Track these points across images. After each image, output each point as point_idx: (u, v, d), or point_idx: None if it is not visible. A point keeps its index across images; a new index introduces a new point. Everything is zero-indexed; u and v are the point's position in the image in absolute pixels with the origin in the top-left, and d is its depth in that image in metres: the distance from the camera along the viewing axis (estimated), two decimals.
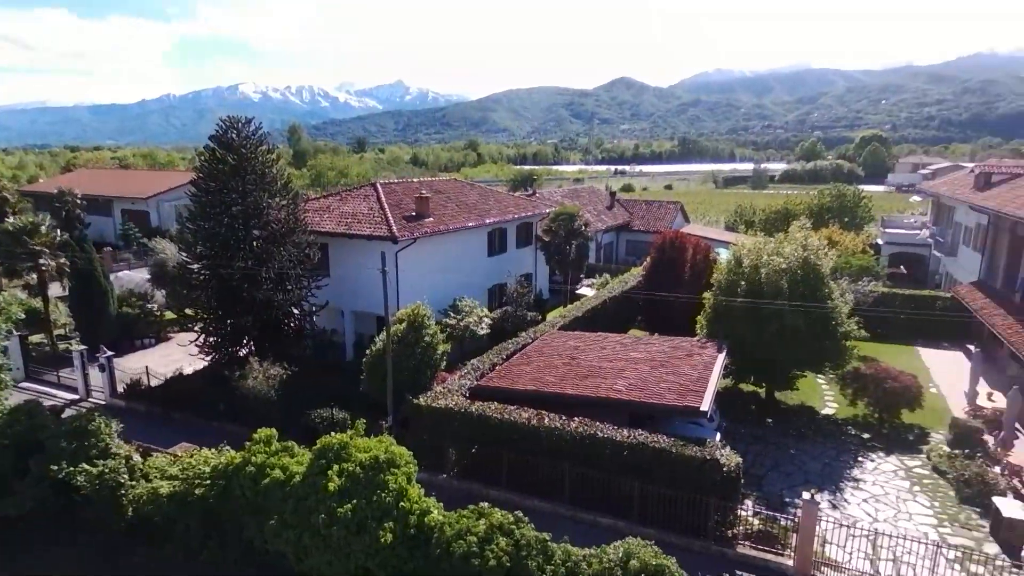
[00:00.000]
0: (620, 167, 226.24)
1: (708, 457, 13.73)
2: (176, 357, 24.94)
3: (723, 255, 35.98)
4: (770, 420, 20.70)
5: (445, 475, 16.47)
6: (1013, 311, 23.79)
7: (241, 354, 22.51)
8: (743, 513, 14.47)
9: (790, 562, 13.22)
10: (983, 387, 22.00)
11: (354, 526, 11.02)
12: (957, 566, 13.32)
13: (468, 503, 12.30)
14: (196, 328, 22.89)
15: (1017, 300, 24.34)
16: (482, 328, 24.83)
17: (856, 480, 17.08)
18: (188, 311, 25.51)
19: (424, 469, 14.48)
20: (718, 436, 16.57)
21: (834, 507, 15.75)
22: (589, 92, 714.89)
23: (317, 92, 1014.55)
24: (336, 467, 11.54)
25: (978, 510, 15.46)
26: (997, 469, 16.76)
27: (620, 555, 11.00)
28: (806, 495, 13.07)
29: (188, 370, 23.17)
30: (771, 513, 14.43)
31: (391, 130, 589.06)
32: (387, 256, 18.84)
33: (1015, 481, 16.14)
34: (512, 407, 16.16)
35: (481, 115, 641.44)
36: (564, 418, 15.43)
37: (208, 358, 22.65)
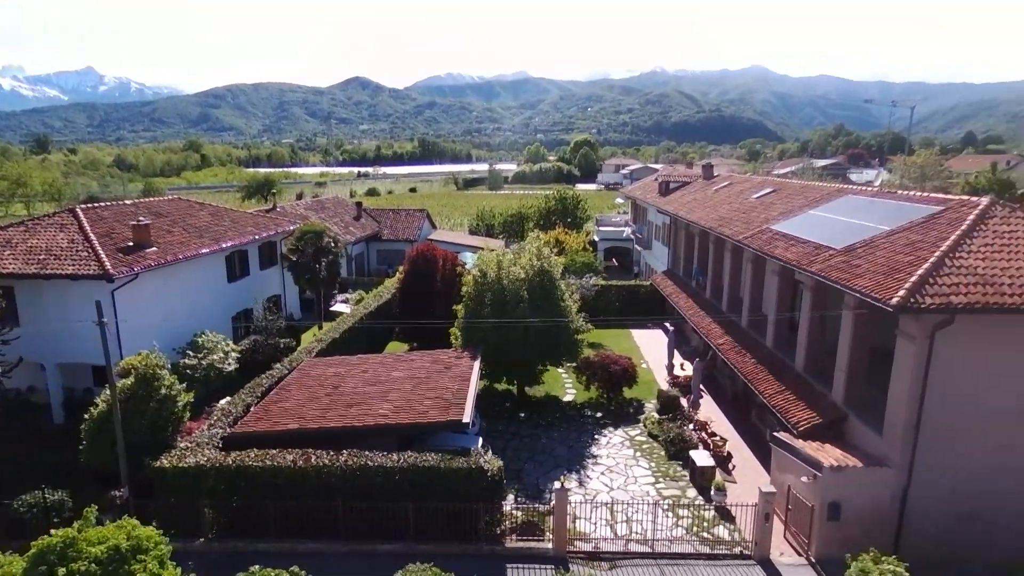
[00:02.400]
0: (363, 169, 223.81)
1: (474, 466, 14.80)
2: None
3: (469, 260, 38.39)
4: (523, 414, 22.94)
5: (203, 539, 14.97)
6: (692, 294, 29.91)
7: None
8: (507, 508, 15.93)
9: (550, 545, 15.00)
10: (677, 359, 27.27)
11: None
12: (670, 513, 16.51)
13: (233, 565, 11.46)
14: None
15: (694, 285, 30.64)
16: (229, 364, 22.85)
17: (594, 456, 19.95)
18: None
19: (177, 537, 13.01)
20: (480, 441, 17.90)
21: (580, 484, 18.22)
22: (324, 90, 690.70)
23: None
24: (62, 571, 9.78)
25: (681, 463, 19.30)
26: (691, 426, 21.09)
27: None
28: (556, 484, 14.96)
29: None
30: (531, 504, 16.17)
31: (83, 126, 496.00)
32: (101, 299, 16.27)
33: (703, 434, 20.49)
34: (275, 451, 15.34)
35: (201, 111, 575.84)
36: (333, 453, 15.18)
37: None
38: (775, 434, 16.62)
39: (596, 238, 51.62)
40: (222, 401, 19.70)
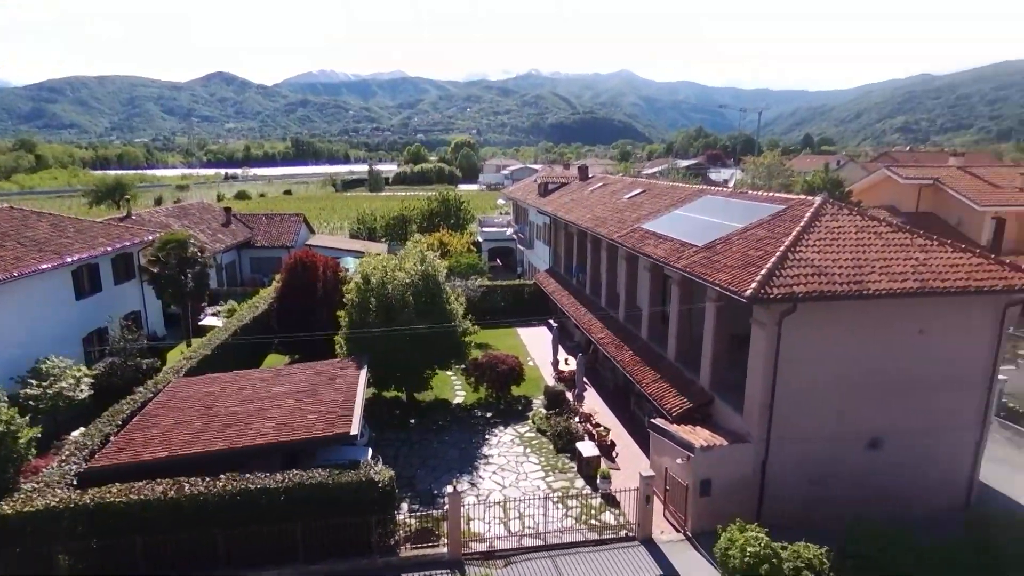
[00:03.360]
0: (231, 170, 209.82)
1: (364, 479, 14.49)
2: None
3: (351, 265, 37.34)
4: (413, 420, 22.74)
5: None
6: (573, 291, 31.14)
7: None
8: (401, 518, 15.76)
9: (445, 550, 15.04)
10: (562, 354, 28.26)
11: None
12: (560, 505, 17.14)
13: None
14: None
15: (575, 283, 31.90)
16: (81, 391, 20.62)
17: (486, 456, 20.22)
18: None
19: None
20: (369, 452, 17.53)
21: (473, 485, 18.41)
22: (183, 86, 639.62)
23: None
24: None
25: (569, 455, 20.07)
26: (577, 419, 21.97)
27: None
28: (449, 488, 15.04)
29: None
30: (425, 511, 16.12)
31: None
32: None
33: (588, 425, 21.43)
34: (141, 483, 14.09)
35: (34, 106, 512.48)
36: (209, 479, 14.21)
37: None
38: (652, 421, 17.78)
39: (480, 239, 52.16)
40: (75, 433, 17.79)
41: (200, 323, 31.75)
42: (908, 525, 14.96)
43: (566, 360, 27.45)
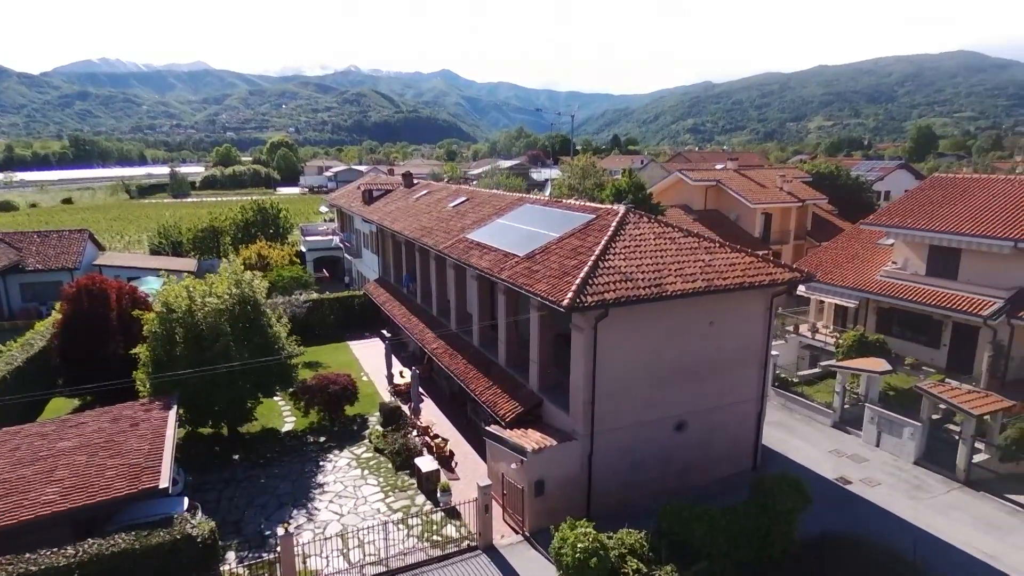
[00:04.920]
0: None
1: (179, 536, 13.09)
2: None
3: (154, 286, 33.44)
4: (237, 456, 21.01)
5: None
6: (405, 301, 30.86)
7: None
8: (227, 569, 14.51)
9: None
10: (397, 367, 27.91)
11: None
12: (402, 526, 16.94)
13: None
14: None
15: (406, 292, 31.62)
16: None
17: (321, 485, 19.32)
18: None
19: None
20: (186, 501, 15.88)
21: (309, 519, 17.48)
22: None
23: None
24: None
25: (408, 472, 19.90)
26: (415, 433, 21.85)
27: None
28: (280, 530, 14.15)
29: None
30: (255, 557, 15.00)
31: None
32: None
33: (426, 438, 21.42)
34: None
35: None
36: None
37: None
38: (487, 428, 18.26)
39: (303, 248, 49.54)
40: None
41: None
42: (709, 494, 17.10)
43: (401, 373, 27.15)
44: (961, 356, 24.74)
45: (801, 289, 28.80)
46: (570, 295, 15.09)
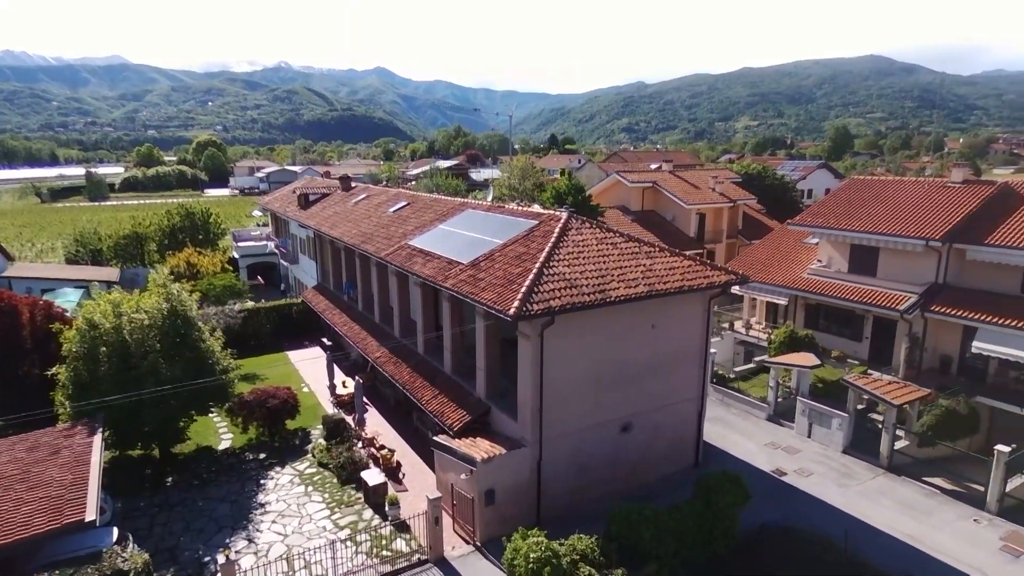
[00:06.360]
0: None
1: (109, 572, 12.33)
2: None
3: (72, 299, 31.38)
4: (170, 479, 19.98)
5: None
6: (345, 308, 30.15)
7: None
8: None
9: None
10: (339, 376, 27.20)
11: None
12: (350, 543, 16.54)
13: None
14: None
15: (346, 299, 30.89)
16: None
17: (263, 505, 18.60)
18: None
19: None
20: (115, 532, 14.97)
21: (251, 542, 16.80)
22: None
23: None
24: None
25: (355, 485, 19.43)
26: (360, 445, 21.37)
27: None
28: (221, 557, 13.54)
29: None
30: None
31: None
32: None
33: (372, 450, 20.99)
34: None
35: None
36: None
37: None
38: (435, 438, 18.06)
39: (236, 255, 47.61)
40: None
41: None
42: (655, 492, 17.53)
43: (343, 383, 26.51)
44: (881, 348, 26.32)
45: (735, 288, 29.89)
46: (516, 304, 15.10)
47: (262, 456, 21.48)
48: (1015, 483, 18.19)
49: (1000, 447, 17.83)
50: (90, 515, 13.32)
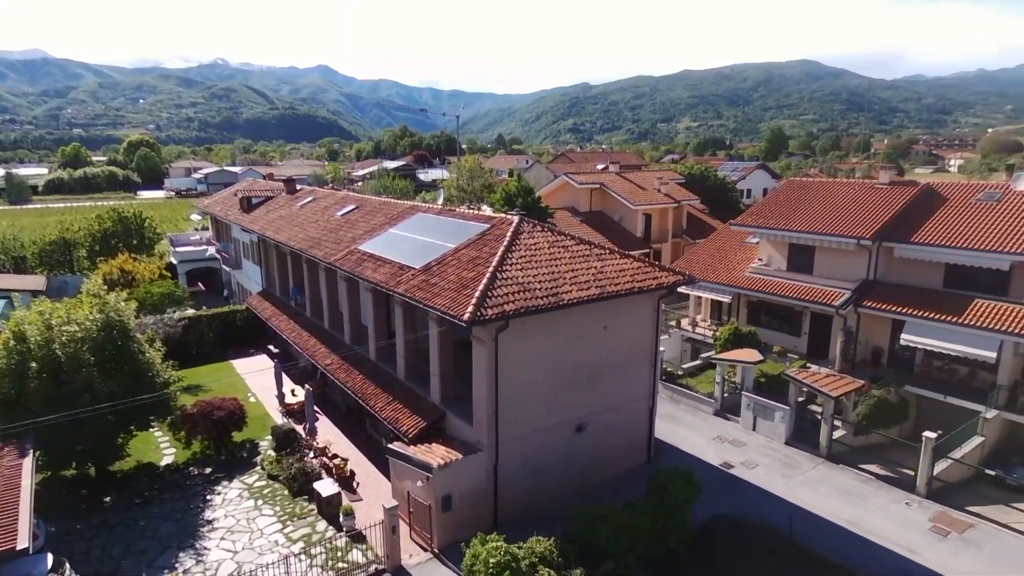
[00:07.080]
0: None
1: None
2: None
3: None
4: (108, 498, 19.02)
5: None
6: (293, 315, 29.39)
7: None
8: None
9: None
10: (288, 385, 26.50)
11: None
12: (304, 556, 16.16)
13: None
14: None
15: (294, 305, 30.12)
16: None
17: (210, 521, 17.92)
18: None
19: None
20: (50, 559, 14.18)
21: (199, 561, 16.17)
22: None
23: None
24: None
25: (307, 497, 18.97)
26: (311, 455, 20.90)
27: None
28: None
29: None
30: None
31: None
32: None
33: (324, 459, 20.56)
34: None
35: None
36: None
37: None
38: (389, 446, 17.82)
39: (174, 260, 45.70)
40: None
41: None
42: (609, 491, 17.84)
43: (292, 391, 25.87)
44: (819, 342, 27.58)
45: (681, 287, 30.74)
46: (471, 309, 15.09)
47: (208, 471, 20.71)
48: (941, 467, 19.39)
49: (927, 433, 18.97)
50: (22, 543, 12.55)
